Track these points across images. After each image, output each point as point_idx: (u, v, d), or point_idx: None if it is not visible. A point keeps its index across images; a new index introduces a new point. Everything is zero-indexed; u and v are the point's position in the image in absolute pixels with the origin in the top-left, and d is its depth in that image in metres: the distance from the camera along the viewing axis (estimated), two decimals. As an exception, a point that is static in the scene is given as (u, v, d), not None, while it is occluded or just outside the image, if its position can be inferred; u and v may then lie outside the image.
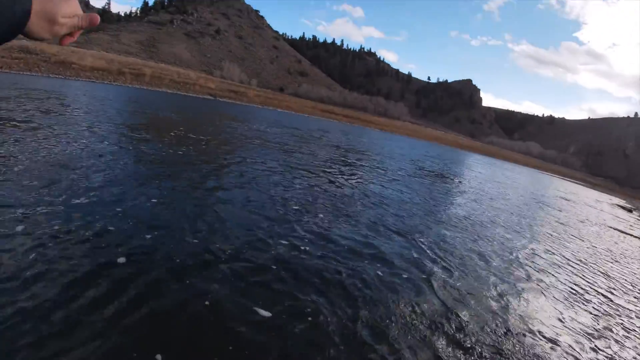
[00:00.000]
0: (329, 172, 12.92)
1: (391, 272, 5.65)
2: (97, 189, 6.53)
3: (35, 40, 0.72)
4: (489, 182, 23.52)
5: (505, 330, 4.82)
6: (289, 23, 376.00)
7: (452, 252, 7.29)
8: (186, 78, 52.63)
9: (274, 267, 4.96)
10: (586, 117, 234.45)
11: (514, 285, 6.39)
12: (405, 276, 5.62)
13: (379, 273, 5.51)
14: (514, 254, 8.29)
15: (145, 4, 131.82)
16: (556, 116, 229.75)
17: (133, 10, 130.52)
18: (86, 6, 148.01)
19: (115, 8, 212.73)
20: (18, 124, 10.18)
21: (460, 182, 19.56)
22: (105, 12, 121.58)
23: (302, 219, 7.26)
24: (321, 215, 7.78)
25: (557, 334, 5.06)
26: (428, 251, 7.04)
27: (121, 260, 4.42)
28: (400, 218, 8.99)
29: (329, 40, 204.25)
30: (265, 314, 3.97)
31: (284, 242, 5.89)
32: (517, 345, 4.53)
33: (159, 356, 3.07)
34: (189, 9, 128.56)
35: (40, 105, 14.15)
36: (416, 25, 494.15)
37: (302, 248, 5.80)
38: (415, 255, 6.63)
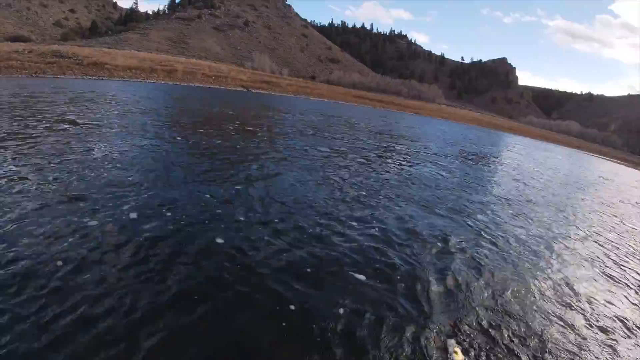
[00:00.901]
0: (380, 157, 13.93)
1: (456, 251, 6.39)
2: (197, 181, 7.69)
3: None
4: (528, 163, 23.33)
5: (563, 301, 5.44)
6: (316, 10, 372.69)
7: (509, 232, 8.01)
8: (218, 71, 52.45)
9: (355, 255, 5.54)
10: (625, 94, 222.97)
11: (567, 266, 6.89)
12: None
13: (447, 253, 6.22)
14: (556, 234, 8.71)
15: (172, 1, 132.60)
16: (595, 93, 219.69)
17: (161, 8, 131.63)
18: (114, 7, 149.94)
19: (142, 7, 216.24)
20: (98, 126, 11.52)
21: (500, 163, 20.02)
22: (133, 12, 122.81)
23: (376, 202, 8.29)
24: (391, 198, 8.87)
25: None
26: (482, 231, 7.73)
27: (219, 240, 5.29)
28: (452, 199, 9.79)
29: (358, 25, 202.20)
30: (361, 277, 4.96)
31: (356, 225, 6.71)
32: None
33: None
34: (216, 2, 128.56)
35: (98, 107, 15.50)
36: (445, 4, 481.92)
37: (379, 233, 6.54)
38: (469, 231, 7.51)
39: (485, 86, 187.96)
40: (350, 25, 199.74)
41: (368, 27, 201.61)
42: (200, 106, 23.71)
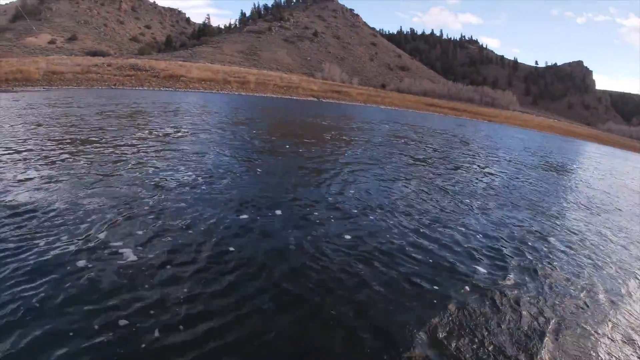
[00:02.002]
0: (466, 165, 13.98)
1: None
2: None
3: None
4: (611, 174, 21.33)
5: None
6: (384, 18, 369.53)
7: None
8: (289, 82, 52.48)
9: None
10: None
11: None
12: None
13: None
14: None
15: (243, 15, 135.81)
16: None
17: (232, 22, 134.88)
18: (187, 22, 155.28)
19: (215, 22, 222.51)
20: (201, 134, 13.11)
21: (582, 174, 18.49)
22: (206, 26, 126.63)
23: (475, 208, 8.44)
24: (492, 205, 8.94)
25: None
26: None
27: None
28: (538, 211, 9.18)
29: (427, 32, 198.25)
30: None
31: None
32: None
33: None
34: (285, 15, 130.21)
35: (201, 119, 17.02)
36: (514, 7, 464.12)
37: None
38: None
39: (561, 91, 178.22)
40: (419, 32, 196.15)
41: (437, 33, 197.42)
42: (289, 116, 24.86)
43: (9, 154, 8.37)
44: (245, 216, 6.14)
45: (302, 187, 8.20)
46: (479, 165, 14.24)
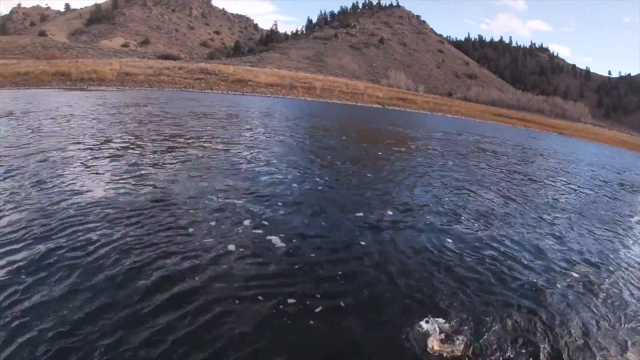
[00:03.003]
0: (544, 179, 13.25)
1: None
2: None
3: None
4: None
5: None
6: (451, 25, 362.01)
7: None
8: (354, 88, 51.87)
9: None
10: None
11: None
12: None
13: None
14: None
15: (310, 22, 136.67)
16: None
17: (299, 29, 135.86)
18: (255, 29, 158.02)
19: (282, 28, 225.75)
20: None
21: None
22: (273, 33, 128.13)
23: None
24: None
25: None
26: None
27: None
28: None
29: (496, 39, 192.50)
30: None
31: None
32: None
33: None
34: (351, 21, 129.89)
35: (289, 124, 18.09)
36: (585, 13, 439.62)
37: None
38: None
39: (636, 104, 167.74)
40: (487, 39, 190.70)
41: (506, 40, 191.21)
42: (365, 123, 25.06)
43: (139, 148, 9.82)
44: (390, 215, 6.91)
45: (412, 190, 8.87)
46: (566, 181, 13.69)
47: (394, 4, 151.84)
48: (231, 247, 4.96)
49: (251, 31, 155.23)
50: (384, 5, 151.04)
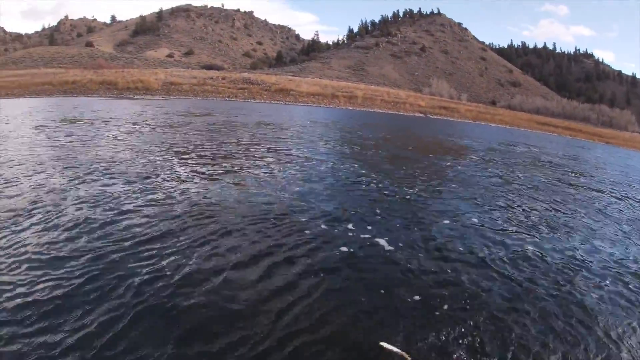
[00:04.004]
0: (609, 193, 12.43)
1: None
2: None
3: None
4: None
5: None
6: (493, 32, 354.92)
7: None
8: (396, 97, 51.49)
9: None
10: None
11: None
12: None
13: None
14: None
15: (351, 31, 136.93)
16: None
17: (340, 38, 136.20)
18: (297, 39, 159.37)
19: (323, 38, 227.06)
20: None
21: None
22: (315, 43, 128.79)
23: None
24: None
25: None
26: None
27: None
28: None
29: (539, 45, 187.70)
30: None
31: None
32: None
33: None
34: (392, 30, 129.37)
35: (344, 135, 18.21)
36: (628, 17, 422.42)
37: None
38: None
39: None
40: (530, 46, 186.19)
41: (550, 46, 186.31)
42: (413, 133, 24.84)
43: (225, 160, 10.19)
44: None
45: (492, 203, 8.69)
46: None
47: (435, 11, 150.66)
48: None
49: (293, 41, 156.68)
50: (425, 13, 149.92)
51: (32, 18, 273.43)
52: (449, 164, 13.07)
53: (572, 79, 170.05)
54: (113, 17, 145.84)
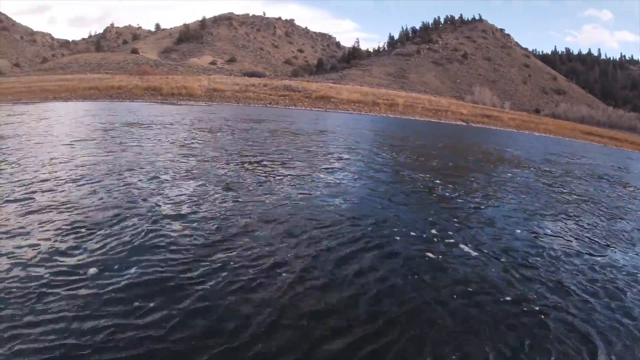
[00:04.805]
0: None
1: None
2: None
3: None
4: None
5: None
6: (537, 38, 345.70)
7: None
8: (437, 105, 50.87)
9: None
10: None
11: None
12: None
13: None
14: None
15: (391, 38, 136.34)
16: None
17: (380, 46, 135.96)
18: (337, 46, 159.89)
19: (364, 45, 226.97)
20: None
21: None
22: (355, 50, 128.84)
23: None
24: None
25: None
26: None
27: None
28: None
29: (583, 52, 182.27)
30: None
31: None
32: None
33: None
34: (433, 37, 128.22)
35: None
36: None
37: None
38: None
39: None
40: (574, 52, 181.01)
41: (595, 52, 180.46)
42: (462, 142, 24.77)
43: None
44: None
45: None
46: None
47: (477, 17, 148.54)
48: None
49: (333, 49, 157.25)
50: (466, 19, 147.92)
51: (79, 25, 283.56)
52: (509, 174, 13.11)
53: (617, 86, 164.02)
54: (157, 25, 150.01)
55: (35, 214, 5.48)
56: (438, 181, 10.32)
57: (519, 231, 6.86)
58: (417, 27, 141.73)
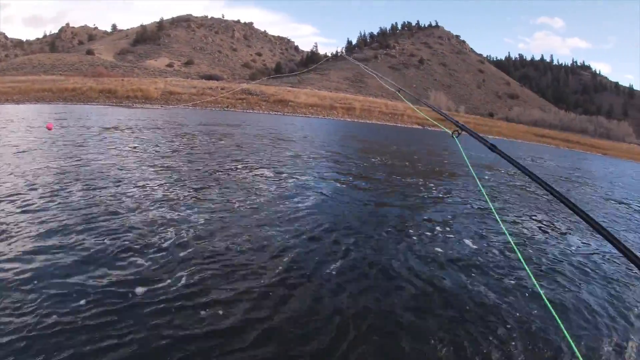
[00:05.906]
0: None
1: None
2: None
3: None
4: None
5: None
6: (491, 44, 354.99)
7: None
8: (394, 109, 51.46)
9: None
10: None
11: None
12: None
13: None
14: None
15: (349, 43, 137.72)
16: None
17: (339, 50, 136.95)
18: (296, 50, 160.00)
19: (322, 50, 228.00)
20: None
21: None
22: (314, 54, 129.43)
23: None
24: None
25: None
26: None
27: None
28: None
29: (536, 58, 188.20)
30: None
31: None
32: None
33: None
34: (391, 42, 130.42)
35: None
36: (623, 29, 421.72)
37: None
38: None
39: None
40: (528, 58, 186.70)
41: (547, 58, 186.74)
42: (424, 146, 25.12)
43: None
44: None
45: None
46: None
47: (434, 24, 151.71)
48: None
49: (292, 53, 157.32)
50: (423, 25, 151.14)
51: (34, 25, 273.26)
52: (486, 177, 14.05)
53: (569, 91, 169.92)
54: (114, 26, 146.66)
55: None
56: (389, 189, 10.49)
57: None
58: (375, 33, 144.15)
